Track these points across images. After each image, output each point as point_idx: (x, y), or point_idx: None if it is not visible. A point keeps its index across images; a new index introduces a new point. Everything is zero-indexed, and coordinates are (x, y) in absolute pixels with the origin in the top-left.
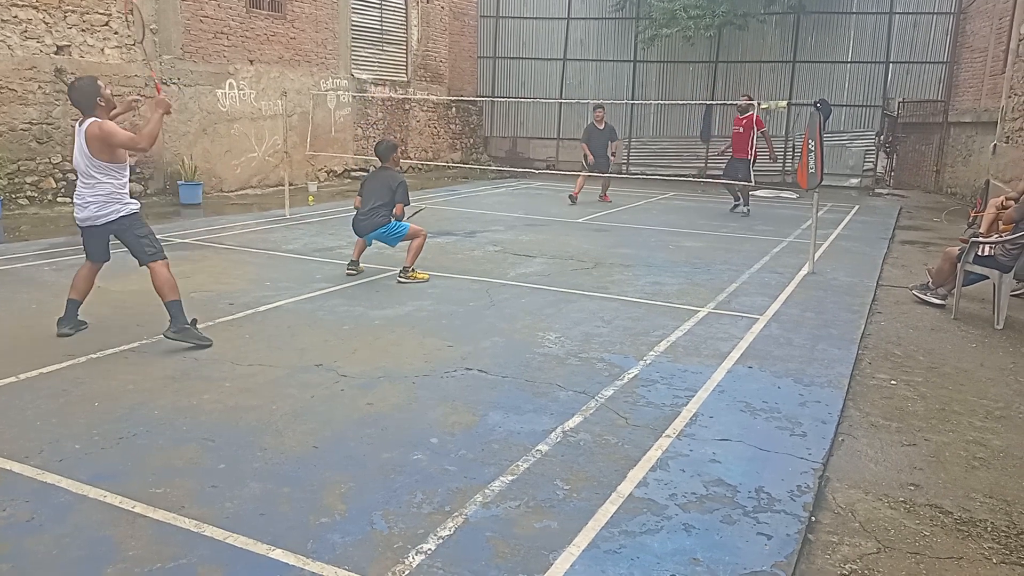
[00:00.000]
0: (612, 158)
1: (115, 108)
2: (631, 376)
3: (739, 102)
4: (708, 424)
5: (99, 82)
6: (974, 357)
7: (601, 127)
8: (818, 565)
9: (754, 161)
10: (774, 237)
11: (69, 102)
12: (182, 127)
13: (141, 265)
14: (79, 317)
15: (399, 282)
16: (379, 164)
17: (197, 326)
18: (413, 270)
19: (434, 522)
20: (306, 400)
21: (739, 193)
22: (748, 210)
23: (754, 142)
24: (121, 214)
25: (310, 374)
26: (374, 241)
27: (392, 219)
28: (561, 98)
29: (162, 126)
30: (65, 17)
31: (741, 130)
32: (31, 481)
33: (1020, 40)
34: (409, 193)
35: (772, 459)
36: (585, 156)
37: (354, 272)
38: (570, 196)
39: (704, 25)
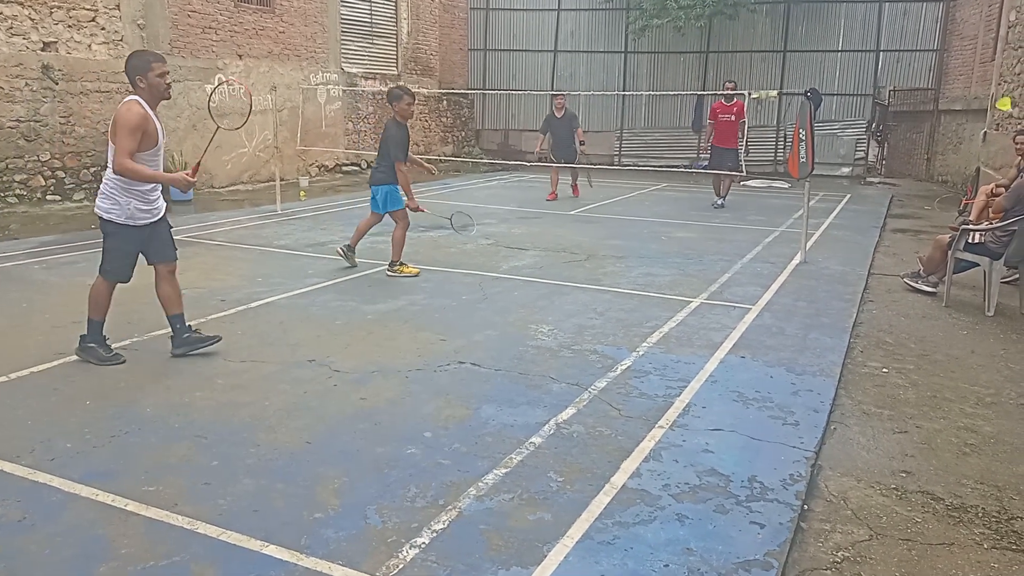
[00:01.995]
0: (580, 148)
1: (163, 96)
2: (624, 367)
3: (726, 91)
4: (701, 414)
5: (155, 63)
6: (965, 344)
7: (560, 115)
8: (811, 553)
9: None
10: (766, 227)
11: (56, 99)
12: (171, 123)
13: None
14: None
15: (388, 276)
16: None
17: (106, 343)
18: (401, 263)
19: (428, 516)
20: (299, 396)
21: (719, 184)
22: (723, 203)
23: (746, 131)
24: (104, 215)
25: (303, 370)
26: (371, 237)
27: (393, 183)
28: (552, 90)
29: (159, 182)
30: (51, 13)
31: (732, 118)
32: (22, 481)
33: (1009, 27)
34: (400, 146)
35: (765, 448)
36: (542, 148)
37: (344, 256)
38: (548, 199)
39: (695, 15)
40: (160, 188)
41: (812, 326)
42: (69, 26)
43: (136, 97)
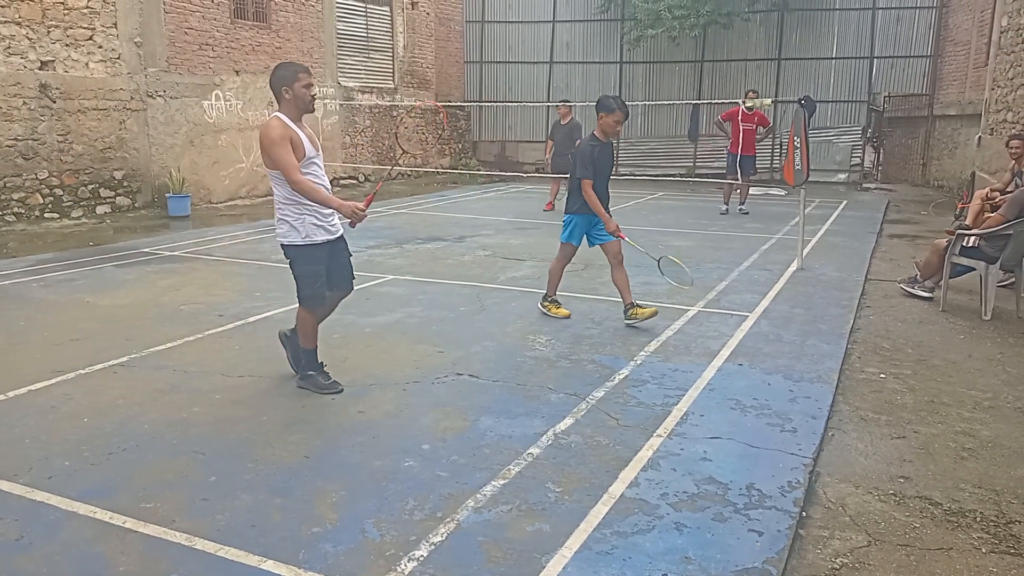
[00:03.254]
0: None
1: (308, 109)
2: (622, 377)
3: (746, 101)
4: (699, 423)
5: (301, 73)
6: (962, 348)
7: (564, 123)
8: (809, 560)
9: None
10: (763, 234)
11: (54, 117)
12: (169, 139)
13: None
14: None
15: (540, 309)
16: None
17: (324, 370)
18: (553, 301)
19: (426, 528)
20: (297, 410)
21: (730, 192)
22: (730, 208)
23: (771, 135)
24: (283, 240)
25: None
26: (369, 250)
27: (584, 213)
28: (549, 101)
29: (327, 206)
30: (48, 32)
31: (752, 127)
32: (20, 499)
33: (1002, 32)
34: (586, 163)
35: (763, 456)
36: (549, 155)
37: (548, 310)
38: (545, 209)
39: (689, 25)
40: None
41: (809, 333)
42: (66, 45)
43: (277, 113)
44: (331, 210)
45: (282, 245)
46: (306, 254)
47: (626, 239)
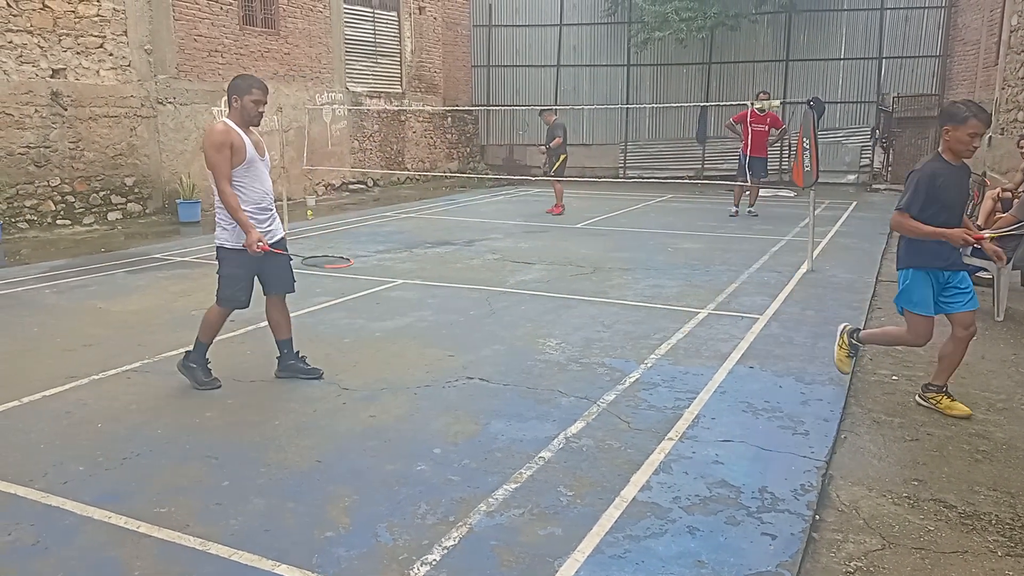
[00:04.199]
0: (542, 151)
1: (252, 123)
2: (632, 380)
3: (759, 102)
4: (710, 426)
5: (255, 88)
6: (975, 350)
7: (548, 125)
8: (823, 564)
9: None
10: (772, 236)
11: (66, 125)
12: (179, 146)
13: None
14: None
15: (917, 402)
16: None
17: (208, 367)
18: (943, 391)
19: (438, 532)
20: (308, 414)
21: (741, 195)
22: (739, 211)
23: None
24: (217, 242)
25: (312, 388)
26: (379, 255)
27: (914, 267)
28: (556, 104)
29: (242, 227)
30: (60, 40)
31: (765, 128)
32: (36, 504)
33: (1012, 32)
34: (919, 194)
35: (775, 459)
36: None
37: (850, 356)
38: (549, 212)
39: (696, 27)
40: (274, 212)
41: (821, 335)
42: (77, 53)
43: (224, 119)
44: (268, 216)
45: (216, 248)
46: (233, 258)
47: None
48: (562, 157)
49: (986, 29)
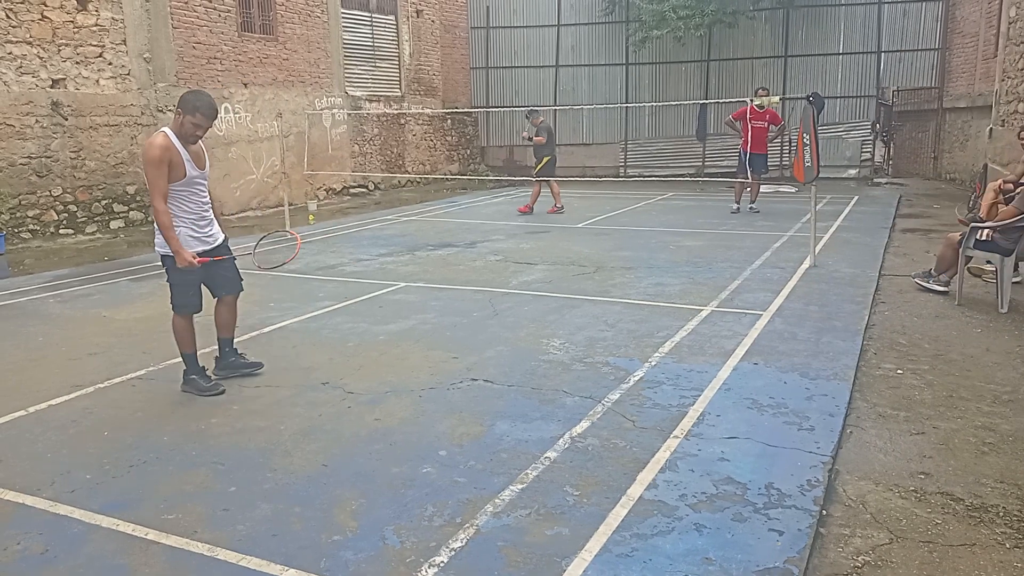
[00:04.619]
0: (524, 137)
1: (188, 141)
2: (637, 379)
3: (758, 99)
4: (715, 423)
5: (201, 112)
6: (980, 342)
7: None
8: (831, 559)
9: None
10: (774, 232)
11: (66, 134)
12: None
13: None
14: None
15: None
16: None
17: (205, 374)
18: None
19: (446, 534)
20: (314, 419)
21: (742, 191)
22: (741, 207)
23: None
24: (160, 250)
25: (317, 392)
26: (381, 258)
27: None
28: (555, 104)
29: (171, 245)
30: (59, 51)
31: (764, 124)
32: (43, 513)
33: (1010, 23)
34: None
35: (781, 455)
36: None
37: None
38: (548, 212)
39: (694, 25)
40: (212, 219)
41: (824, 330)
42: (77, 63)
43: (165, 129)
44: (207, 223)
45: (160, 255)
46: (169, 261)
47: None
48: (545, 159)
49: (984, 21)
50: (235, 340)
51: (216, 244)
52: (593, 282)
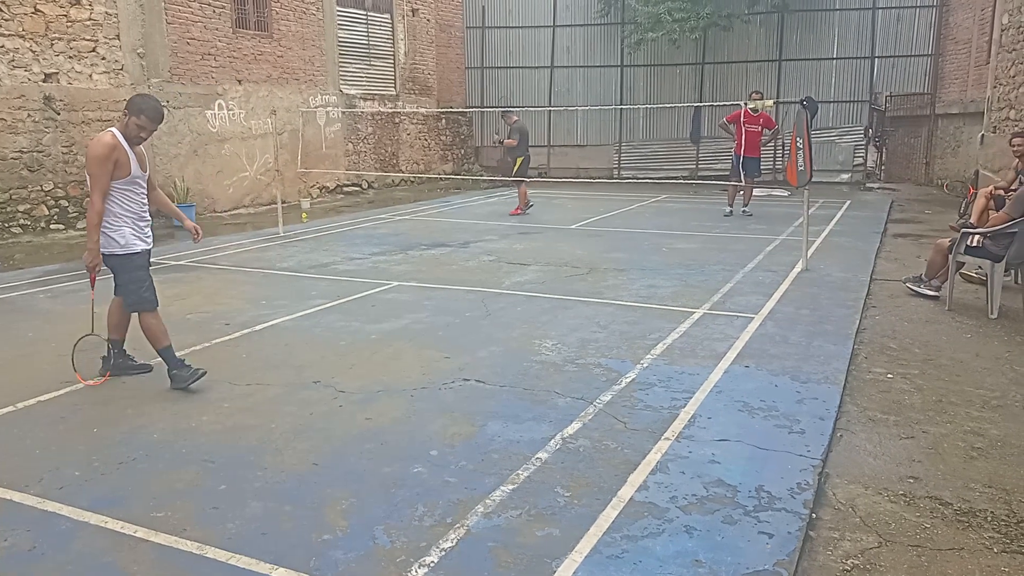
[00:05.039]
0: (496, 140)
1: (135, 142)
2: (628, 380)
3: (752, 102)
4: (707, 425)
5: (146, 116)
6: (969, 347)
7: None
8: (820, 562)
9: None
10: (767, 236)
11: (58, 129)
12: (172, 149)
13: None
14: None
15: None
16: None
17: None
18: None
19: (436, 534)
20: (305, 417)
21: (735, 194)
22: (733, 210)
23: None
24: (105, 251)
25: (308, 391)
26: (374, 257)
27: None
28: (550, 106)
29: (91, 243)
30: (52, 45)
31: (758, 128)
32: (31, 510)
33: (1003, 30)
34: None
35: (771, 457)
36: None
37: None
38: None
39: (689, 28)
40: (150, 220)
41: (816, 334)
42: (70, 57)
43: (113, 129)
44: (146, 223)
45: (104, 256)
46: (129, 262)
47: None
48: (520, 159)
49: (977, 28)
50: (228, 338)
51: (152, 245)
52: (586, 283)
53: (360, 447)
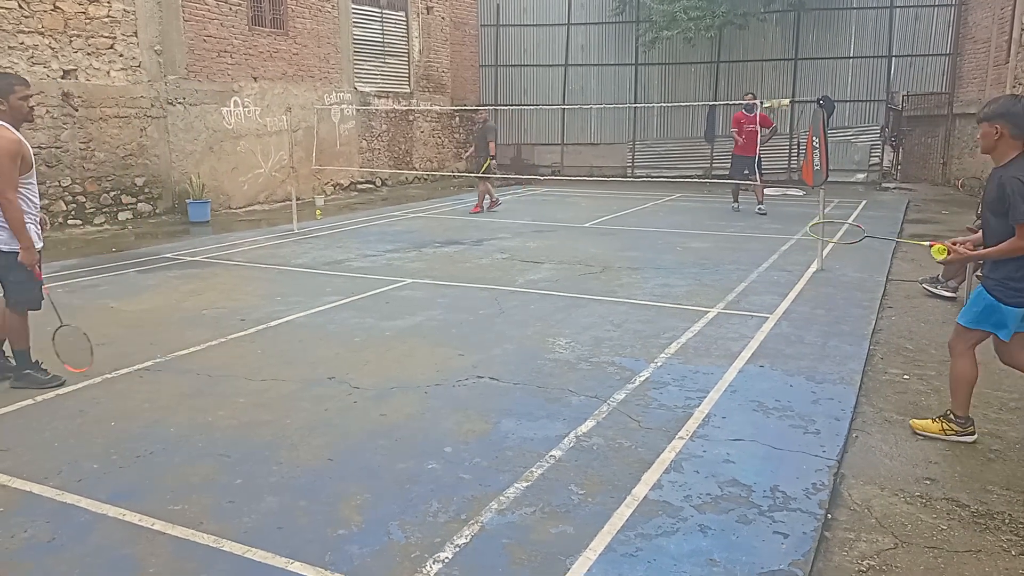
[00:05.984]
0: (476, 154)
1: (26, 119)
2: (642, 379)
3: (745, 101)
4: (721, 424)
5: (17, 85)
6: (986, 349)
7: (479, 126)
8: (835, 562)
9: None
10: (782, 235)
11: (76, 125)
12: (188, 146)
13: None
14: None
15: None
16: None
17: (41, 367)
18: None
19: (450, 530)
20: (320, 413)
21: (741, 191)
22: (738, 206)
23: (759, 139)
24: (3, 247)
25: (323, 387)
26: (388, 254)
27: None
28: (564, 104)
29: (22, 240)
30: (71, 41)
31: (754, 128)
32: (51, 502)
33: (1023, 30)
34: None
35: (786, 458)
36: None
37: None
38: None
39: (704, 26)
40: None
41: (831, 334)
42: (88, 54)
43: (4, 123)
44: (38, 219)
45: (2, 252)
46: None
47: None
48: (488, 159)
49: (996, 27)
50: (243, 334)
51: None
52: (599, 282)
53: (375, 443)
